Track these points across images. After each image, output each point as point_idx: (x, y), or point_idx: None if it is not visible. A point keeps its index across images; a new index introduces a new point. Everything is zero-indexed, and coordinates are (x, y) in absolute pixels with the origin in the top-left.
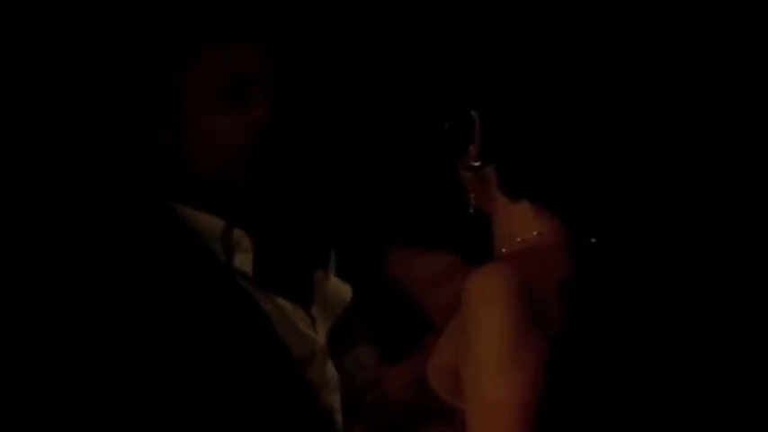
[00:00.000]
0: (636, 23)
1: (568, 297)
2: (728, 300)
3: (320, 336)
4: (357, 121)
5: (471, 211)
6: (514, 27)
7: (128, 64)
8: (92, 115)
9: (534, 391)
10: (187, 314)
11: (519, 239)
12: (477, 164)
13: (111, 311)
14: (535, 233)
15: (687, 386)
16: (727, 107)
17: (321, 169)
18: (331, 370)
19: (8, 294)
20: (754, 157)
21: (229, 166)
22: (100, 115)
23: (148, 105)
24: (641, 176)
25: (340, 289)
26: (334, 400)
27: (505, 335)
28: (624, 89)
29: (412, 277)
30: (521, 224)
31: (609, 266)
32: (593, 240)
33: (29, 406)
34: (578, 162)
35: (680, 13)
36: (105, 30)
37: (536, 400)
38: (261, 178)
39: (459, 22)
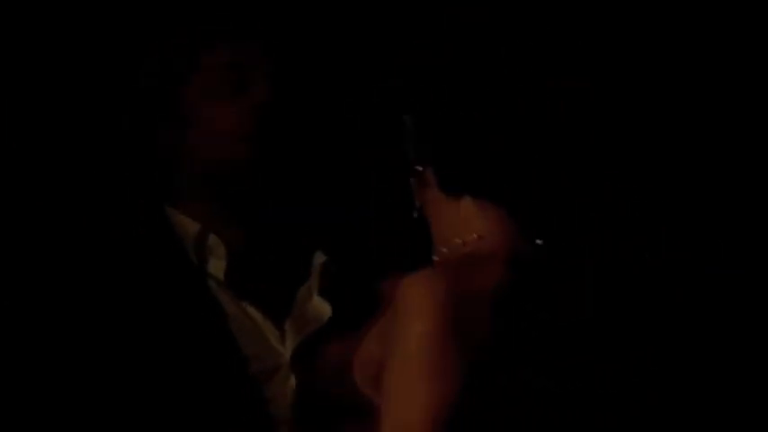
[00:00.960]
0: (612, 22)
1: (506, 304)
2: (728, 300)
3: (287, 350)
4: (355, 120)
5: (415, 215)
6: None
7: (127, 65)
8: (91, 116)
9: (448, 402)
10: (145, 314)
11: (459, 242)
12: (418, 167)
13: (69, 311)
14: (475, 236)
15: (686, 388)
16: (725, 107)
17: (322, 167)
18: (292, 385)
19: None
20: (753, 157)
21: (231, 160)
22: (99, 116)
23: (149, 106)
24: (612, 176)
25: (320, 308)
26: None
27: (425, 344)
28: (588, 85)
29: None
30: (462, 225)
31: (556, 269)
32: (538, 242)
33: None
34: (520, 160)
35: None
36: (106, 30)
37: (449, 411)
38: (262, 173)
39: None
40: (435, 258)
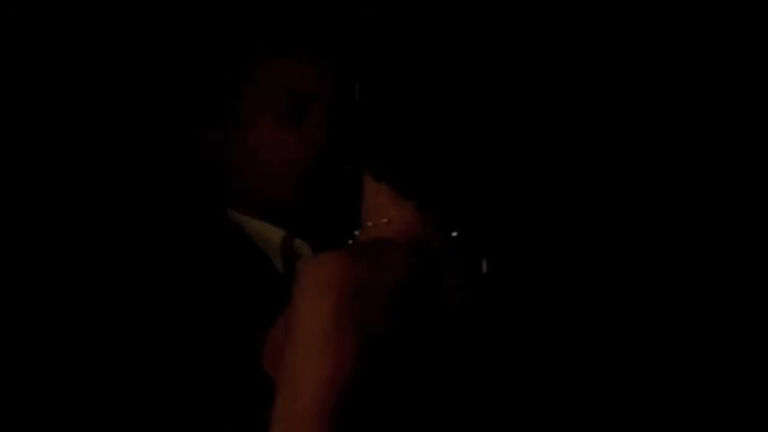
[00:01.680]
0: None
1: (409, 296)
2: (728, 299)
3: None
4: None
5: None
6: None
7: (186, 77)
8: (157, 126)
9: (334, 388)
10: (233, 323)
11: (370, 224)
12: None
13: (153, 318)
14: (385, 220)
15: (684, 389)
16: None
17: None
18: None
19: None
20: (753, 156)
21: (285, 180)
22: (163, 127)
23: (207, 117)
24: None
25: None
26: None
27: (312, 328)
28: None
29: None
30: (375, 207)
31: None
32: (453, 234)
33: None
34: (443, 148)
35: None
36: (166, 42)
37: (336, 397)
38: (314, 195)
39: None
40: (350, 241)
